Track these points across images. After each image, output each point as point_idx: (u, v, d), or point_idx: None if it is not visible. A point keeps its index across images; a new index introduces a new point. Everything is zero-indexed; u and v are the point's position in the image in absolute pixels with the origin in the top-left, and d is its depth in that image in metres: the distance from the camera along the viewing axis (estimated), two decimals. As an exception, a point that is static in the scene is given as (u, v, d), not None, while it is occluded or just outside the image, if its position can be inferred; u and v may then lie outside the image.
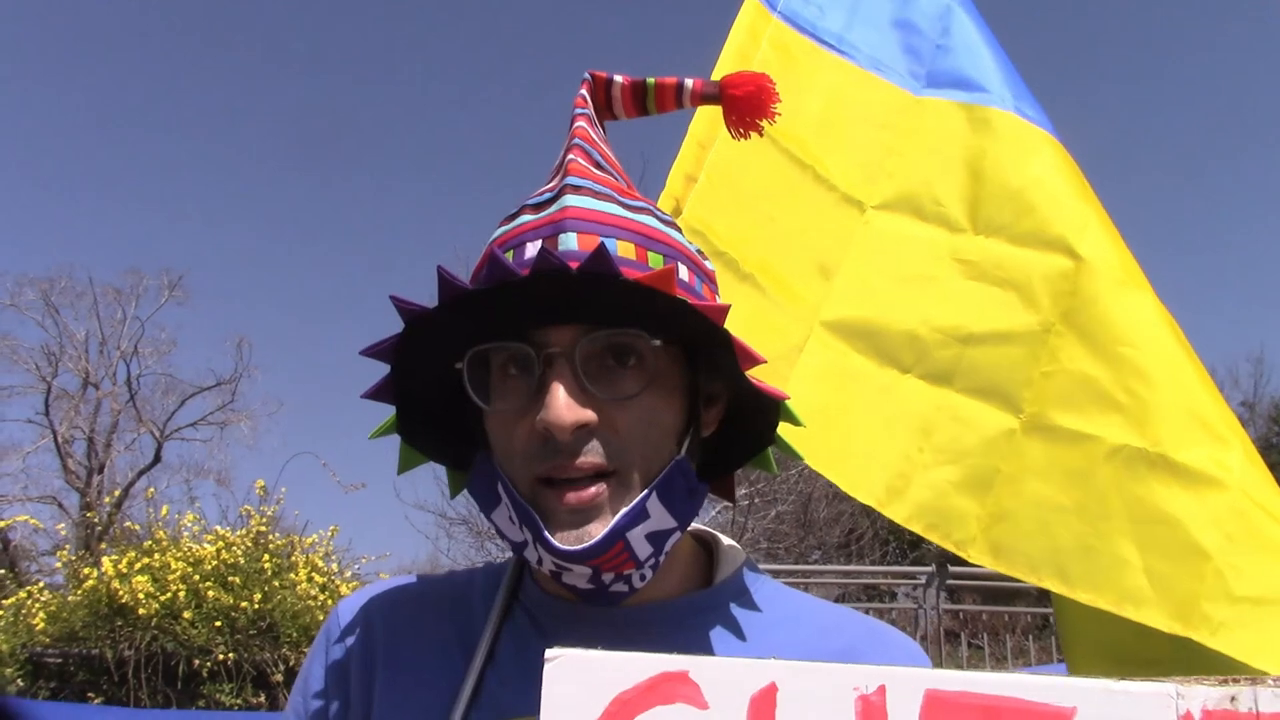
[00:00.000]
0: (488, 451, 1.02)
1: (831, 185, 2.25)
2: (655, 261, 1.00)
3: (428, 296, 0.96)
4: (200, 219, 38.41)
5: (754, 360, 0.98)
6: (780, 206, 2.23)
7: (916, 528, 2.06)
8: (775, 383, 2.14)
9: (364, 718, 1.07)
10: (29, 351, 22.76)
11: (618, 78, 1.24)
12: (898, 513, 2.06)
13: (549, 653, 0.78)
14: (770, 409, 1.08)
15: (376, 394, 1.07)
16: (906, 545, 19.64)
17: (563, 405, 0.92)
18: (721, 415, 1.10)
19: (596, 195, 1.03)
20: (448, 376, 1.01)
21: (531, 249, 0.98)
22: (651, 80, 1.25)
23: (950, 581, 11.06)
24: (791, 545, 16.53)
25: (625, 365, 0.97)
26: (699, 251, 1.11)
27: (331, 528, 10.50)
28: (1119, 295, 2.06)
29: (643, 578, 0.99)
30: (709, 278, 1.10)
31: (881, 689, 0.73)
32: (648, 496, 0.95)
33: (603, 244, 0.90)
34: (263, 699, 8.71)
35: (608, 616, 1.04)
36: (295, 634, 8.87)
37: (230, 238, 38.92)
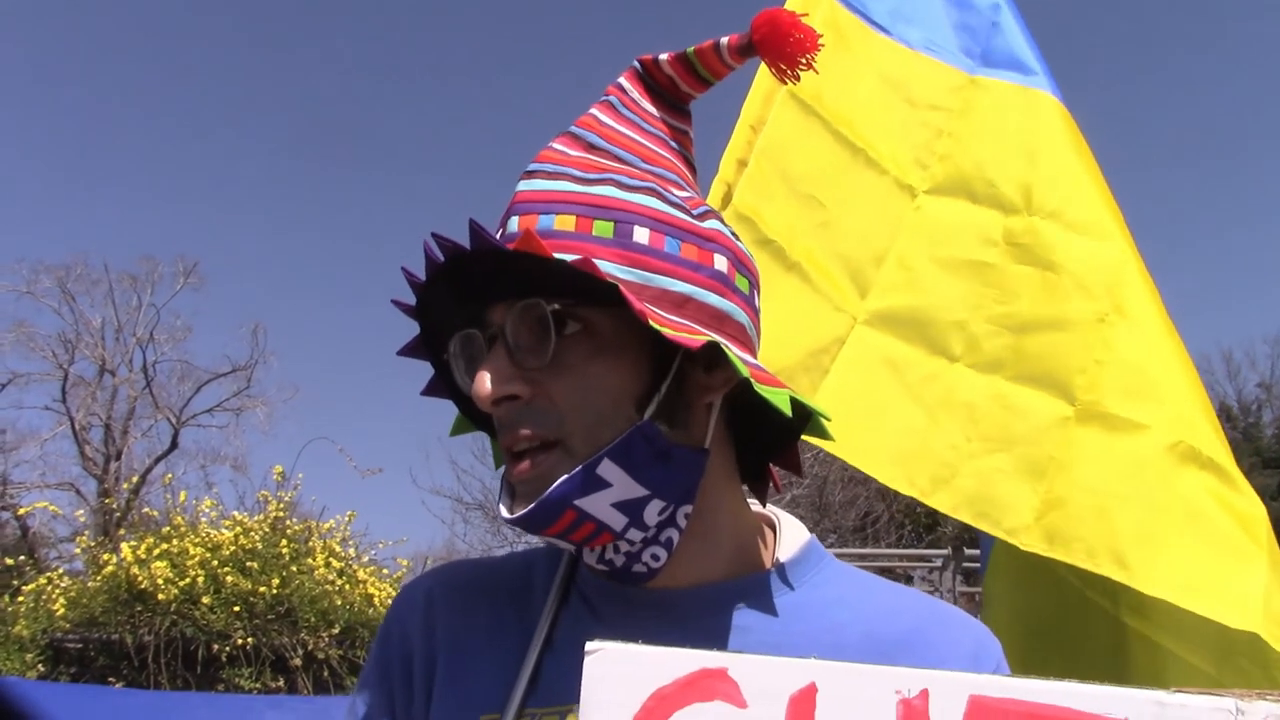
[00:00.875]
0: None
1: (883, 169, 2.22)
2: (601, 229, 0.99)
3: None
4: (215, 205, 38.54)
5: (647, 315, 0.92)
6: (830, 192, 2.19)
7: (965, 516, 2.01)
8: (813, 376, 2.12)
9: (426, 703, 1.07)
10: (46, 339, 22.87)
11: (662, 56, 1.21)
12: (943, 502, 2.02)
13: (589, 645, 0.78)
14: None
15: (410, 351, 1.09)
16: (922, 529, 19.64)
17: (484, 379, 0.95)
18: (737, 379, 1.03)
19: (549, 175, 1.03)
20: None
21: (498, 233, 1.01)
22: (690, 49, 1.21)
23: (966, 564, 11.07)
24: (807, 529, 16.54)
25: (548, 336, 0.96)
26: (703, 213, 1.06)
27: (349, 513, 10.56)
28: (1154, 290, 2.04)
29: (655, 556, 0.98)
30: (702, 236, 1.05)
31: (924, 693, 0.71)
32: (597, 462, 0.93)
33: (472, 221, 0.93)
34: (281, 683, 8.77)
35: (658, 598, 1.03)
36: (313, 619, 8.94)
37: (245, 224, 39.10)
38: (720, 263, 1.04)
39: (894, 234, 2.17)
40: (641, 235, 1.00)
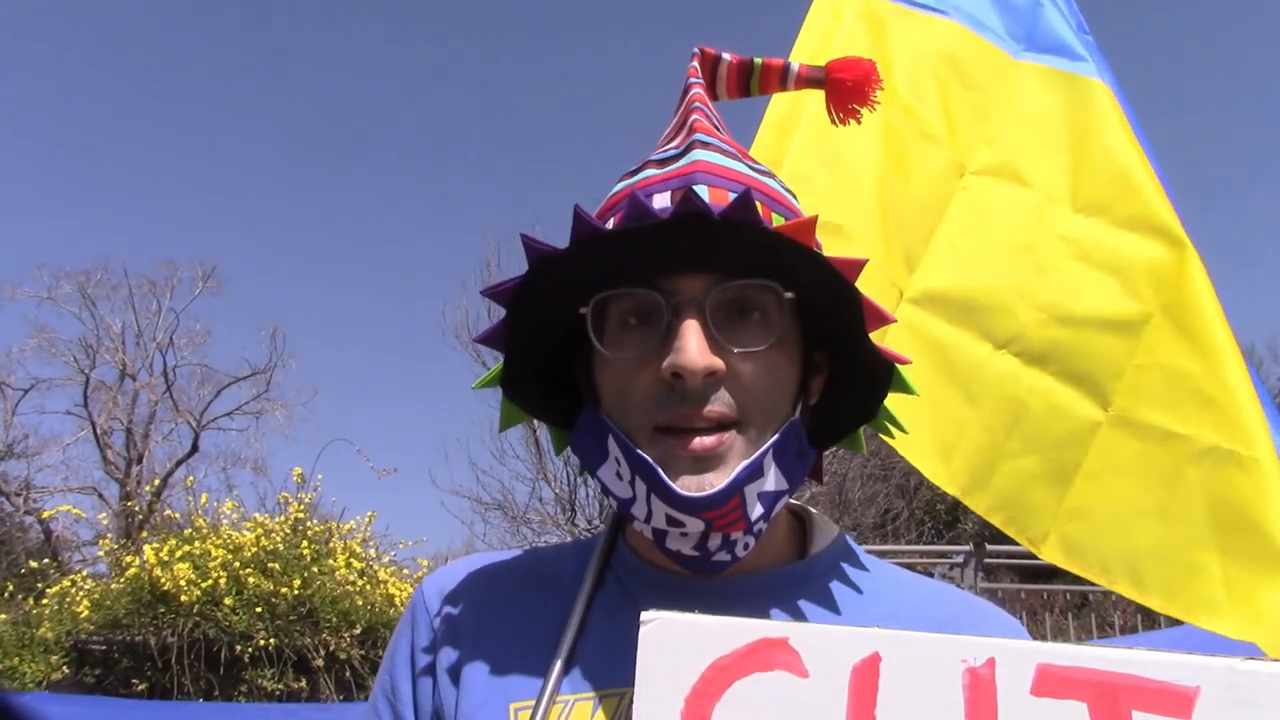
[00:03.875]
0: (595, 406, 1.01)
1: (939, 140, 2.18)
2: (778, 222, 0.98)
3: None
4: (233, 210, 38.62)
5: (883, 320, 0.97)
6: (883, 166, 2.17)
7: (997, 521, 1.98)
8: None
9: (453, 693, 1.05)
10: (67, 344, 22.98)
11: (726, 55, 1.23)
12: (979, 503, 1.99)
13: (645, 615, 0.77)
14: (878, 380, 1.05)
15: (489, 338, 1.06)
16: (942, 525, 19.59)
17: (695, 349, 0.91)
18: (823, 387, 1.07)
19: (724, 153, 1.03)
20: (558, 329, 1.01)
21: (660, 199, 0.97)
22: (759, 60, 1.24)
23: (988, 560, 11.02)
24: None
25: (750, 319, 0.95)
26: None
27: (369, 514, 10.57)
28: (1209, 286, 1.98)
29: (746, 546, 0.97)
30: (820, 245, 1.07)
31: (990, 662, 0.70)
32: (766, 452, 0.94)
33: (748, 191, 0.90)
34: (303, 683, 8.80)
35: (701, 586, 1.02)
36: (335, 619, 8.96)
37: (263, 228, 39.20)
38: None
39: (943, 210, 2.14)
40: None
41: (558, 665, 0.99)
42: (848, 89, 1.26)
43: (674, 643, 0.76)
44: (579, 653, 1.01)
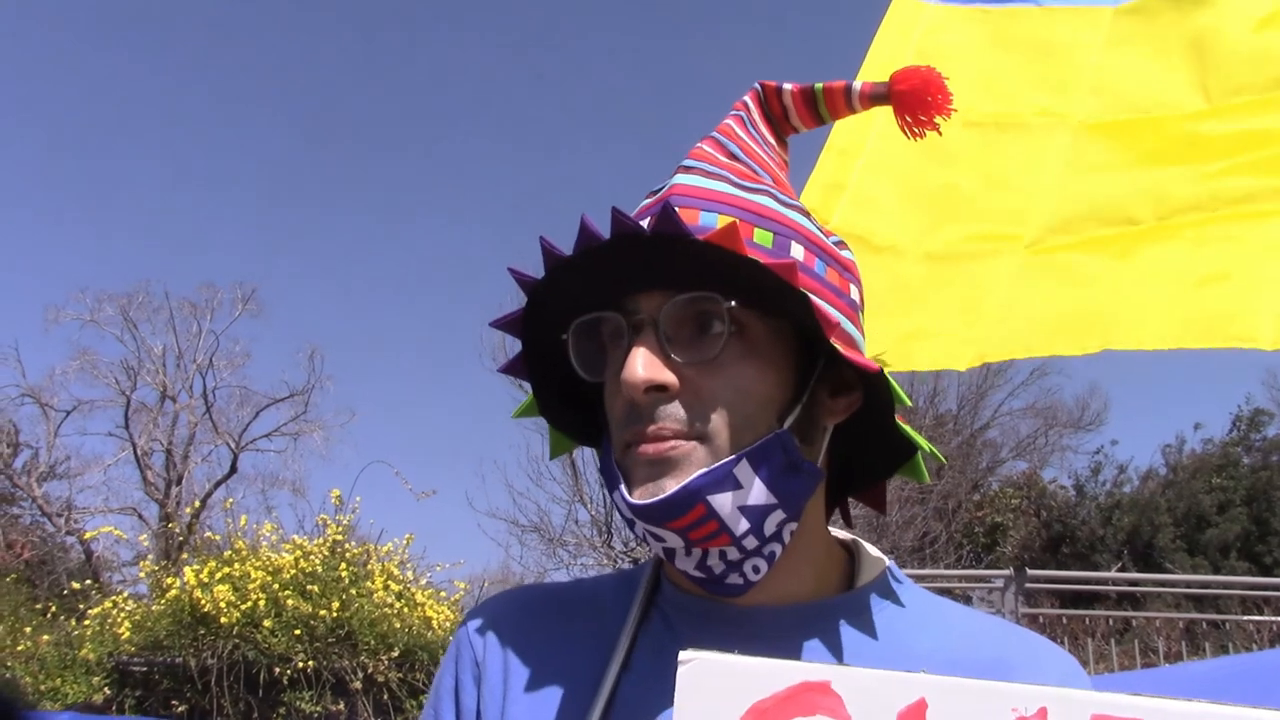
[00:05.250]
0: (608, 429, 1.02)
1: (1024, 124, 2.19)
2: (761, 238, 0.99)
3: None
4: (272, 233, 38.99)
5: (833, 326, 0.96)
6: (963, 171, 2.17)
7: (1205, 342, 1.84)
8: (970, 318, 2.05)
9: None
10: (109, 366, 23.25)
11: (787, 85, 1.23)
12: (1149, 338, 1.86)
13: (683, 655, 0.76)
14: (886, 398, 1.02)
15: (510, 368, 1.08)
16: (981, 549, 19.38)
17: (639, 364, 0.92)
18: (856, 407, 1.06)
19: (708, 175, 1.03)
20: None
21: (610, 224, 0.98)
22: (819, 86, 1.23)
23: (1029, 585, 10.88)
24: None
25: (710, 332, 0.95)
26: (839, 243, 1.10)
27: (407, 536, 10.60)
28: None
29: (756, 569, 0.96)
30: (842, 264, 1.07)
31: (1042, 712, 0.68)
32: (736, 462, 0.93)
33: (667, 204, 0.91)
34: (341, 706, 8.81)
35: (742, 616, 1.01)
36: (373, 641, 8.97)
37: (302, 251, 39.49)
38: (854, 293, 1.07)
39: (1048, 167, 2.13)
40: (797, 251, 1.02)
41: (601, 702, 0.98)
42: (915, 99, 1.25)
43: (713, 684, 0.75)
44: (622, 690, 1.00)
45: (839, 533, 1.15)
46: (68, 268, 38.09)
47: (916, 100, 1.25)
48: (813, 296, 0.95)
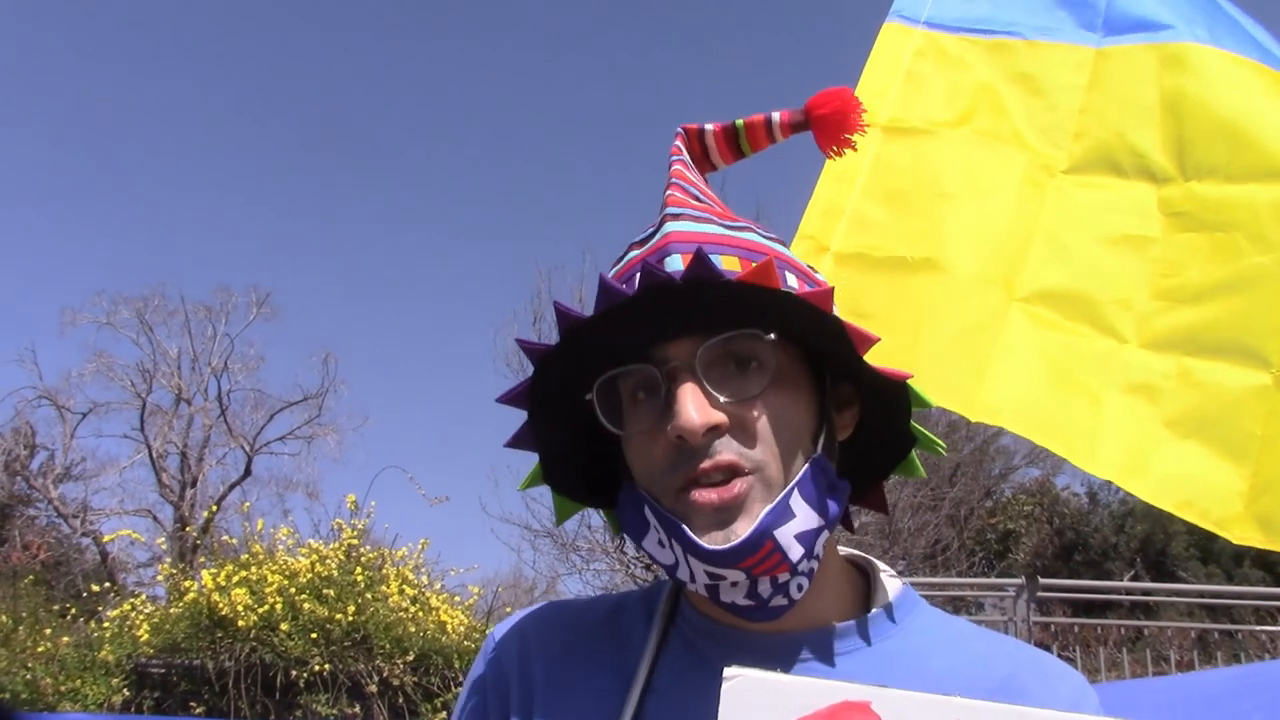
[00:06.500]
0: (630, 482, 1.05)
1: (1020, 147, 2.17)
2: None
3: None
4: (287, 236, 39.14)
5: (868, 341, 0.99)
6: (961, 186, 2.16)
7: (1167, 505, 1.83)
8: (970, 353, 2.03)
9: None
10: (125, 369, 23.34)
11: (709, 126, 1.27)
12: (1142, 489, 1.85)
13: (728, 671, 0.78)
14: (895, 402, 1.08)
15: (517, 441, 1.11)
16: (993, 556, 19.30)
17: (691, 408, 0.94)
18: (857, 419, 1.11)
19: (696, 219, 1.06)
20: (585, 416, 1.03)
21: (639, 277, 1.00)
22: (740, 121, 1.27)
23: (1040, 593, 10.85)
24: (876, 557, 16.31)
25: (747, 369, 0.99)
26: (810, 267, 1.13)
27: (422, 541, 10.61)
28: None
29: (800, 587, 0.99)
30: (821, 287, 1.08)
31: None
32: (790, 493, 0.96)
33: (700, 250, 0.94)
34: (357, 709, 8.83)
35: (765, 643, 1.04)
36: (388, 645, 8.99)
37: (316, 254, 39.63)
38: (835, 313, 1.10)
39: (1038, 213, 2.10)
40: (792, 281, 1.05)
41: None
42: (832, 122, 1.29)
43: (755, 701, 0.77)
44: (648, 712, 1.03)
45: (852, 552, 1.19)
46: (84, 271, 38.31)
47: (834, 122, 1.29)
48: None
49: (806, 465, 0.99)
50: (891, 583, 1.13)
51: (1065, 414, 1.92)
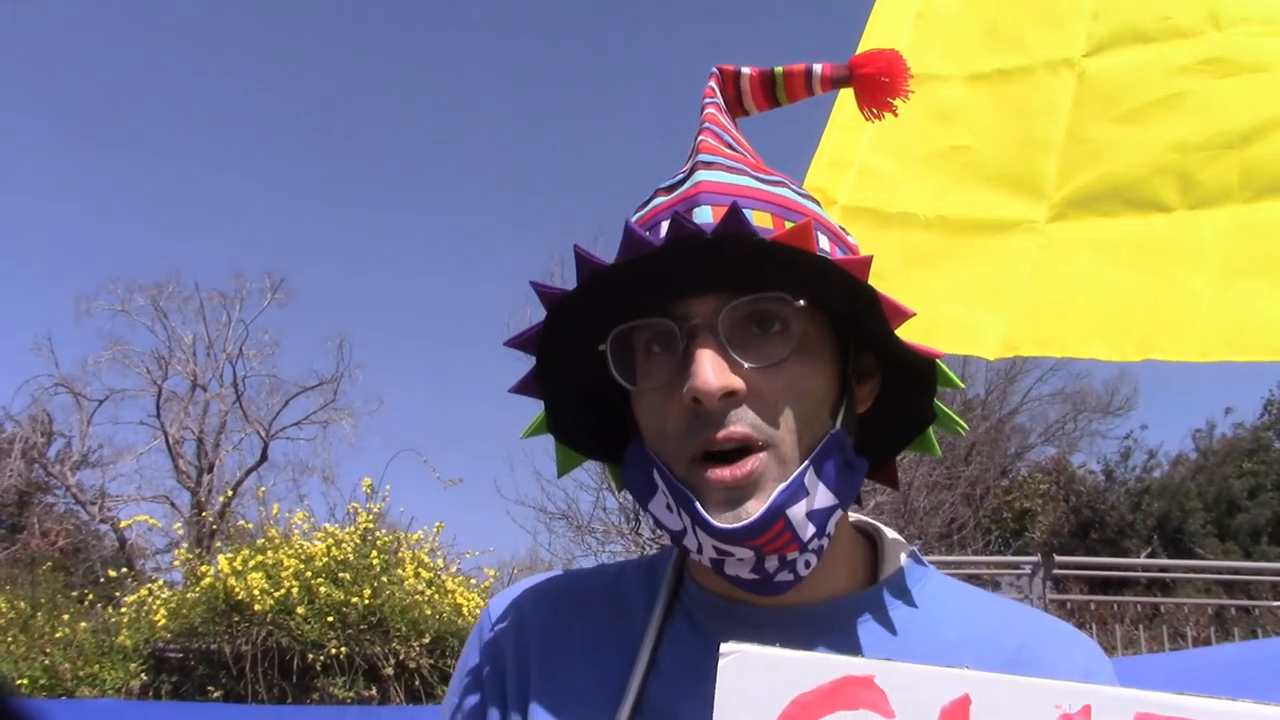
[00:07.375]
0: (639, 440, 1.00)
1: (1027, 69, 2.10)
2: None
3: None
4: (301, 222, 39.10)
5: (903, 315, 0.94)
6: (965, 130, 2.10)
7: (1221, 355, 1.71)
8: (992, 300, 1.94)
9: (522, 715, 1.04)
10: (140, 356, 23.37)
11: (745, 69, 1.22)
12: (1191, 350, 1.75)
13: (724, 647, 0.76)
14: (928, 379, 1.04)
15: (523, 388, 1.06)
16: (1009, 534, 19.30)
17: (710, 370, 0.90)
18: (877, 391, 1.07)
19: (729, 170, 1.02)
20: (594, 367, 0.99)
21: (667, 227, 0.94)
22: (779, 69, 1.22)
23: (1056, 570, 10.82)
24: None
25: (770, 332, 0.94)
26: (842, 228, 1.08)
27: (437, 524, 10.64)
28: None
29: (807, 564, 0.95)
30: (853, 252, 1.05)
31: (1086, 709, 0.68)
32: (805, 471, 0.92)
33: (735, 205, 0.89)
34: (374, 692, 8.88)
35: (770, 617, 1.00)
36: (404, 628, 9.03)
37: (329, 239, 39.59)
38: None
39: (1058, 118, 2.03)
40: (824, 243, 1.00)
41: (629, 702, 0.98)
42: (875, 83, 1.24)
43: (754, 677, 0.75)
44: (650, 689, 1.00)
45: (856, 516, 1.14)
46: (99, 259, 38.22)
47: (877, 83, 1.24)
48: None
49: (823, 440, 0.95)
50: (899, 549, 1.10)
51: (1096, 315, 1.84)
